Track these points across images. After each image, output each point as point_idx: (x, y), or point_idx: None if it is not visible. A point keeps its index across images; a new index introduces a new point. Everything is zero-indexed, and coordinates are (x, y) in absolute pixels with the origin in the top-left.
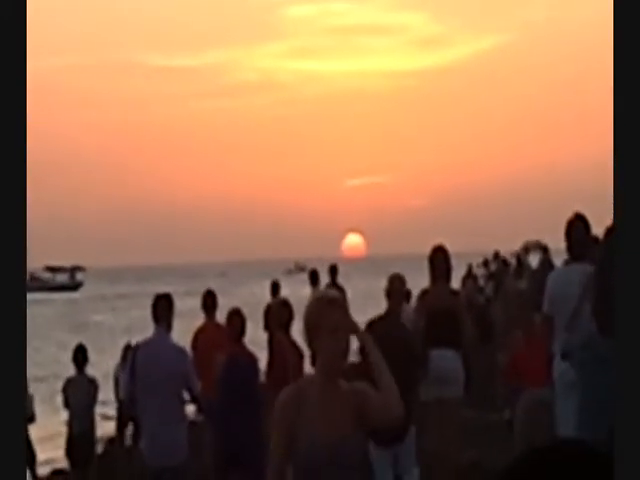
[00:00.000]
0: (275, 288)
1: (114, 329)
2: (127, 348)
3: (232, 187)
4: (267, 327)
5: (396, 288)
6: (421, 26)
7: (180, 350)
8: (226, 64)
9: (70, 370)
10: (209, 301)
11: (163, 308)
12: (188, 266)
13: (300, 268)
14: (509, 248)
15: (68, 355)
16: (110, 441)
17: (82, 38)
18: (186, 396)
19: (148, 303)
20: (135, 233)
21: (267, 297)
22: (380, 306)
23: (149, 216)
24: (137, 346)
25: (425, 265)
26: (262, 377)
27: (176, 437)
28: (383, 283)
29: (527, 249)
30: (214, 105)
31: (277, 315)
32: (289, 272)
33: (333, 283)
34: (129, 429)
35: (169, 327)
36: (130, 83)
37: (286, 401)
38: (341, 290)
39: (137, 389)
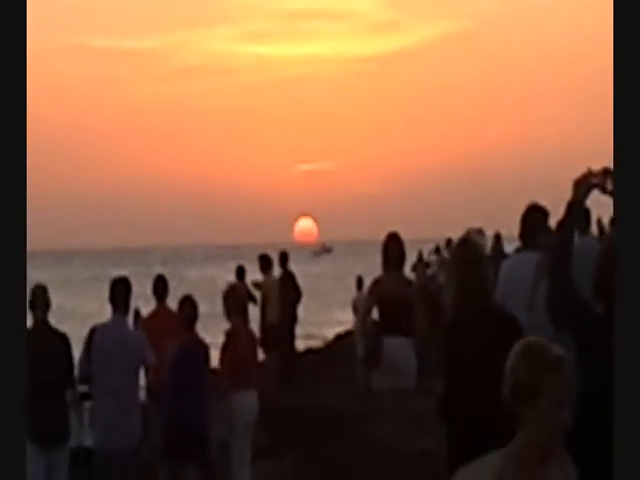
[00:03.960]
0: (240, 272)
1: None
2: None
3: (181, 172)
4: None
5: None
6: (374, 11)
7: (137, 335)
8: (173, 47)
9: None
10: (160, 287)
11: (121, 292)
12: (136, 249)
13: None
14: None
15: None
16: None
17: None
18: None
19: (97, 287)
20: (82, 216)
21: (221, 282)
22: (332, 290)
23: (92, 199)
24: (94, 329)
25: (377, 251)
26: (215, 362)
27: (132, 421)
28: (336, 268)
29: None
30: (160, 89)
31: (236, 300)
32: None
33: (284, 270)
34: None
35: (126, 311)
36: (72, 66)
37: None
38: (292, 276)
39: (93, 372)
